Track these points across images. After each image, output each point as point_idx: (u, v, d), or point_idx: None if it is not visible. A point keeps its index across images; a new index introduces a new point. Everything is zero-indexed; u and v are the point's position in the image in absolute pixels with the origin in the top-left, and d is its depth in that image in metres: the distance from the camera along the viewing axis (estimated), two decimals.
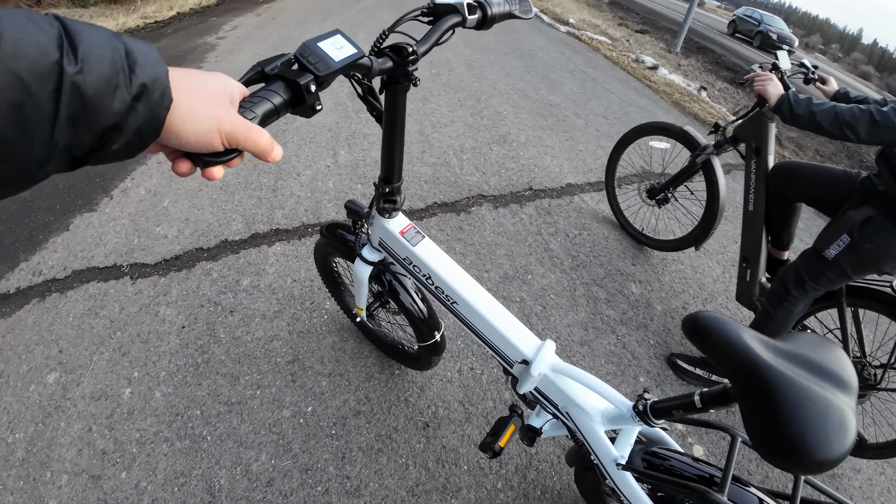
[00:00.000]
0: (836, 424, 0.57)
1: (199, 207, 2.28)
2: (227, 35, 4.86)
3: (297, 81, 0.49)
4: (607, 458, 0.90)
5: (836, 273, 1.40)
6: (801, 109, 1.37)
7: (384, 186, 0.95)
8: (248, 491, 1.28)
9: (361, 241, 1.14)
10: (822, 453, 0.56)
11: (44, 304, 1.78)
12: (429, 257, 0.98)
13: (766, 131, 1.73)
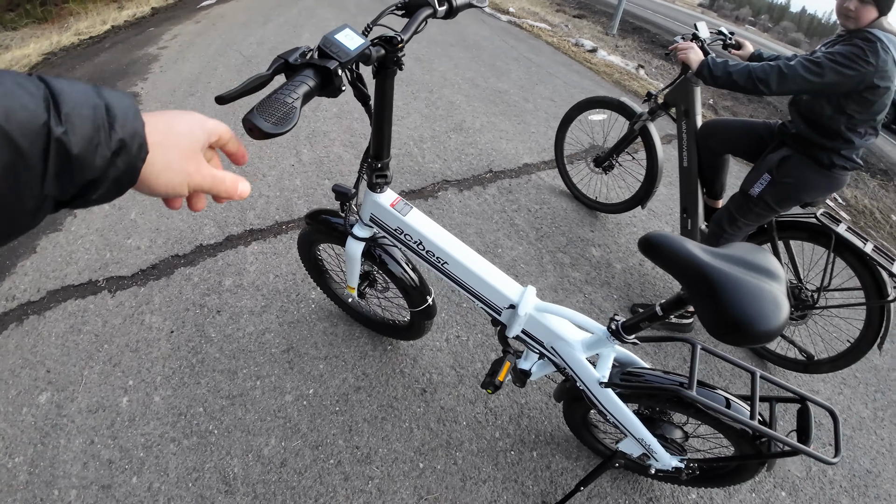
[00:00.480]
0: (770, 303, 0.73)
1: (167, 216, 2.27)
2: (168, 44, 4.71)
3: (326, 67, 0.60)
4: (591, 379, 1.05)
5: (763, 208, 1.62)
6: (720, 71, 1.57)
7: (376, 163, 1.04)
8: (263, 474, 1.35)
9: (350, 220, 1.23)
10: (762, 326, 0.72)
11: (22, 328, 1.74)
12: (419, 224, 1.09)
13: (691, 95, 1.95)
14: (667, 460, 1.13)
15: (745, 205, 1.68)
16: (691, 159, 2.01)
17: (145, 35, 5.15)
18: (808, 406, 0.96)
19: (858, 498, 1.54)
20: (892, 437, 1.78)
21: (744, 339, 0.75)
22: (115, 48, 4.76)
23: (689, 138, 1.99)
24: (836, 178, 1.56)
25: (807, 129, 1.54)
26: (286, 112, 0.58)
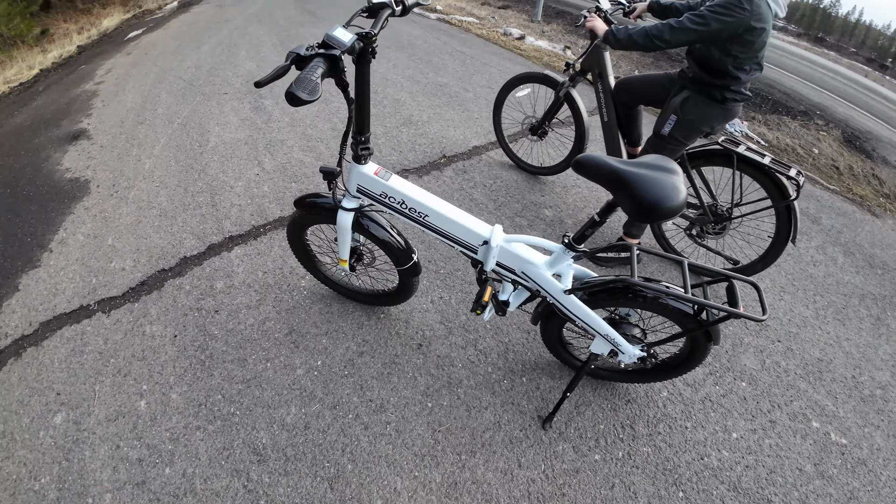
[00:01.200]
0: (671, 189, 1.00)
1: (144, 237, 2.34)
2: (104, 79, 4.62)
3: (334, 55, 0.82)
4: (557, 290, 1.29)
5: (674, 144, 1.94)
6: (622, 35, 1.87)
7: (360, 137, 1.24)
8: (290, 439, 1.50)
9: (338, 196, 1.41)
10: (667, 204, 0.99)
11: (22, 361, 1.79)
12: (400, 186, 1.29)
13: (602, 59, 2.29)
14: (631, 351, 1.38)
15: (659, 144, 1.98)
16: (610, 114, 2.32)
17: (78, 73, 5.03)
18: (733, 283, 1.23)
19: (815, 382, 1.85)
20: (836, 330, 2.13)
21: (657, 216, 1.02)
22: (49, 90, 4.64)
23: (606, 96, 2.32)
24: (729, 110, 1.87)
25: (701, 72, 1.84)
26: (314, 86, 0.83)
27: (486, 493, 1.37)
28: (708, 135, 1.96)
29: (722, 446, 1.56)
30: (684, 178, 1.09)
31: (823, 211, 3.25)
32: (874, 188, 4.21)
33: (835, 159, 4.64)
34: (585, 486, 1.41)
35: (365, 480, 1.38)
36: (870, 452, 1.62)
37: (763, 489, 1.45)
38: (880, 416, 1.76)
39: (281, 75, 0.90)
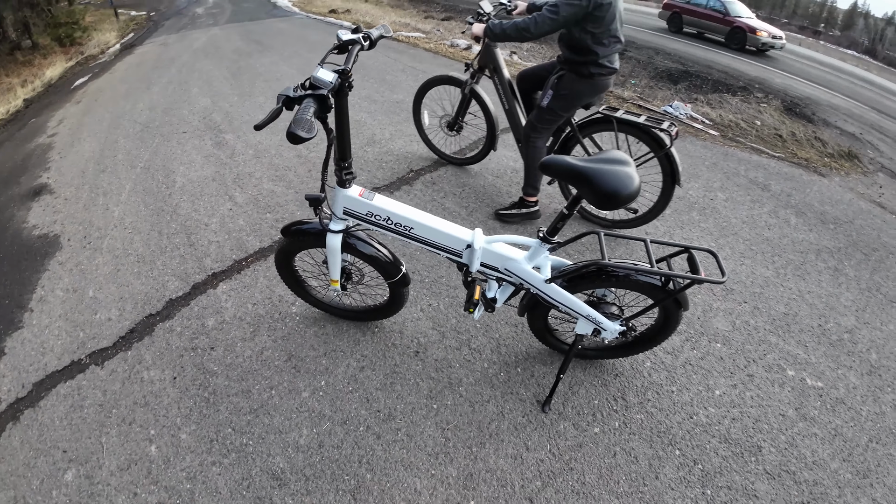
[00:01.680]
0: (626, 178, 1.13)
1: (126, 285, 2.33)
2: (57, 130, 4.52)
3: (323, 95, 0.91)
4: (539, 281, 1.40)
5: (552, 115, 2.27)
6: (498, 30, 2.12)
7: (343, 163, 1.32)
8: (307, 459, 1.54)
9: (324, 221, 1.48)
10: (624, 192, 1.13)
11: (21, 424, 1.76)
12: (384, 204, 1.38)
13: (494, 55, 2.54)
14: (612, 327, 1.50)
15: (539, 114, 2.31)
16: (509, 102, 2.61)
17: (29, 127, 4.90)
18: (692, 253, 1.37)
19: (784, 334, 2.02)
20: (797, 285, 2.32)
21: (617, 203, 1.17)
22: (2, 148, 4.50)
23: (504, 87, 2.58)
24: (598, 83, 2.16)
25: (569, 52, 2.13)
26: (310, 125, 0.94)
27: (501, 479, 1.45)
28: (588, 106, 2.29)
29: (707, 404, 1.69)
30: (635, 170, 1.22)
31: (772, 178, 3.51)
32: (818, 150, 4.55)
33: (777, 128, 4.98)
34: (590, 457, 1.51)
35: (385, 486, 1.44)
36: (846, 391, 1.79)
37: (752, 437, 1.59)
38: (851, 357, 1.94)
39: (276, 117, 1.02)
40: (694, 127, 4.54)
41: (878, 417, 1.69)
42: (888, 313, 2.21)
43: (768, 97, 6.21)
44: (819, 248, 2.63)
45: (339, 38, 1.27)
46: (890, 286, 2.41)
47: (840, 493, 1.45)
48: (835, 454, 1.56)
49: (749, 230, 2.75)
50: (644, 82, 6.86)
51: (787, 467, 1.50)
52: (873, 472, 1.51)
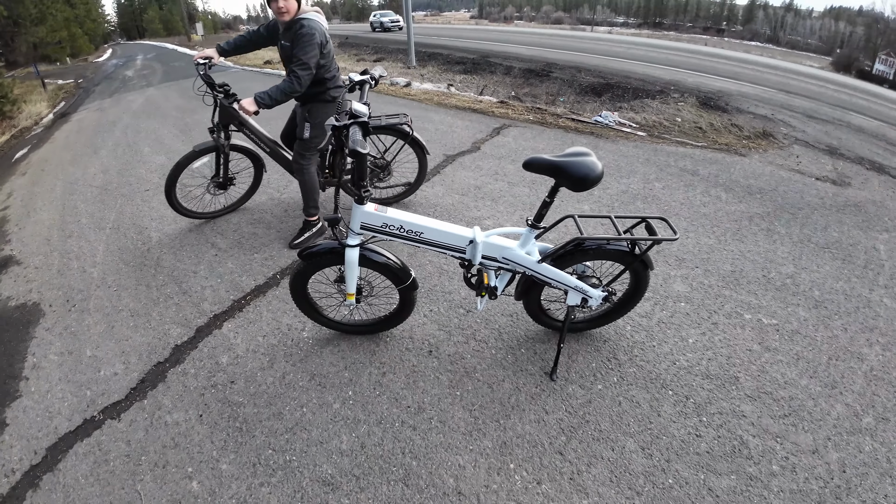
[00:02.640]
0: (591, 165, 1.44)
1: (125, 339, 2.33)
2: (7, 203, 4.34)
3: (366, 122, 1.16)
4: (531, 262, 1.65)
5: (314, 141, 2.66)
6: (269, 100, 2.39)
7: (362, 183, 1.51)
8: (353, 461, 1.64)
9: (341, 237, 1.66)
10: (592, 175, 1.43)
11: (42, 490, 1.71)
12: (396, 215, 1.59)
13: (231, 113, 2.85)
14: (596, 293, 1.76)
15: (304, 145, 2.70)
16: (270, 145, 3.03)
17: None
18: (648, 221, 1.68)
19: (735, 287, 2.38)
20: (738, 247, 2.72)
21: (588, 184, 1.47)
22: None
23: (256, 135, 2.98)
24: (338, 103, 2.64)
25: (312, 87, 2.51)
26: (363, 143, 1.18)
27: (531, 441, 1.64)
28: None
29: (685, 351, 1.99)
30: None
31: (699, 164, 4.03)
32: (735, 135, 5.21)
33: (696, 122, 5.65)
34: (600, 409, 1.74)
35: (432, 468, 1.59)
36: (799, 323, 2.15)
37: (728, 371, 1.89)
38: (796, 297, 2.33)
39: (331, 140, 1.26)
40: (624, 131, 5.10)
41: (832, 340, 2.06)
42: (822, 258, 2.65)
43: (684, 96, 7.00)
44: (751, 215, 3.09)
45: (351, 79, 1.51)
46: (819, 236, 2.88)
47: (815, 403, 1.76)
48: (801, 374, 1.88)
49: (688, 210, 3.18)
50: (572, 98, 7.54)
51: (764, 389, 1.81)
52: (839, 383, 1.85)
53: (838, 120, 6.77)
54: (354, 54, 14.48)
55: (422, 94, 7.23)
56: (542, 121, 5.48)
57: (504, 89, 8.37)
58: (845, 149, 5.06)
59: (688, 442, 1.63)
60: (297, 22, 2.36)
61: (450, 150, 4.48)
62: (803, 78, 12.72)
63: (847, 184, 3.86)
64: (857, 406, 1.76)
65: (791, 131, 5.57)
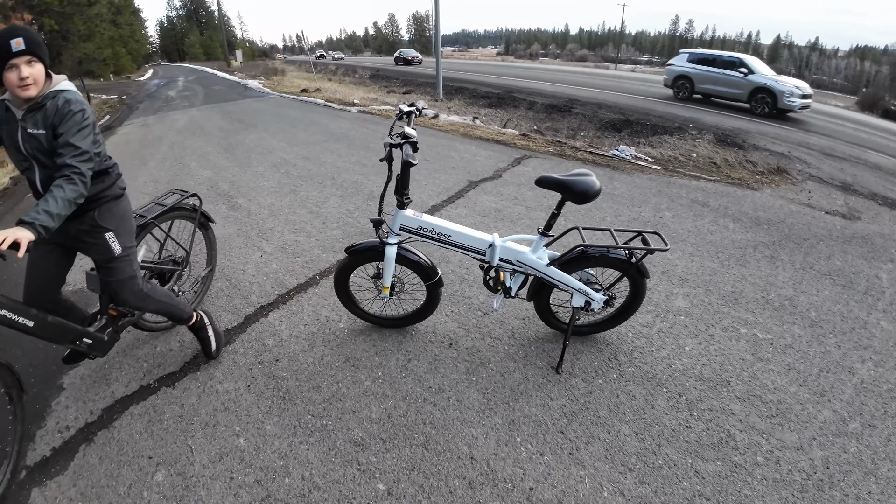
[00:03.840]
0: (591, 182, 1.77)
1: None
2: None
3: (415, 140, 1.51)
4: (542, 266, 1.93)
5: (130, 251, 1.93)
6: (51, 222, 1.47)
7: (405, 191, 1.84)
8: (381, 427, 1.89)
9: (383, 237, 1.97)
10: (592, 190, 1.75)
11: (96, 444, 1.91)
12: (430, 220, 1.91)
13: None
14: (598, 296, 2.02)
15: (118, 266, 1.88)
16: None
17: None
18: (643, 234, 1.94)
19: (734, 305, 2.59)
20: (740, 271, 2.93)
21: (590, 198, 1.77)
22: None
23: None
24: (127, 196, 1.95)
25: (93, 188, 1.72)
26: (413, 157, 1.53)
27: (536, 420, 1.87)
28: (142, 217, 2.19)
29: (681, 356, 2.20)
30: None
31: (710, 196, 4.27)
32: (749, 170, 5.43)
33: (711, 157, 5.91)
34: (599, 399, 1.96)
35: (449, 436, 1.82)
36: (793, 339, 2.34)
37: (720, 375, 2.09)
38: (793, 316, 2.52)
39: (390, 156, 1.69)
40: (639, 165, 5.39)
41: (825, 355, 2.25)
42: (822, 283, 2.84)
43: (701, 133, 7.28)
44: (756, 243, 3.31)
45: (402, 110, 1.87)
46: (822, 264, 3.07)
47: (802, 407, 1.95)
48: (791, 381, 2.08)
49: (695, 237, 3.41)
50: (592, 133, 7.91)
51: (754, 392, 2.00)
52: (828, 392, 2.03)
53: (855, 158, 6.93)
54: (385, 86, 15.32)
55: (448, 125, 7.69)
56: (561, 153, 5.82)
57: (527, 123, 8.81)
58: (859, 185, 5.21)
59: (678, 431, 1.83)
60: (53, 97, 1.61)
61: (473, 177, 4.83)
62: (824, 117, 12.88)
63: (857, 218, 4.02)
64: (845, 413, 1.93)
65: (806, 168, 5.76)
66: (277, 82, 16.90)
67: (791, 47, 77.29)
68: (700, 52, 12.40)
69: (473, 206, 4.04)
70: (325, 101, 10.99)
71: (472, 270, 2.94)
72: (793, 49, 76.48)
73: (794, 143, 7.38)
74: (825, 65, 68.30)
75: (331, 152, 6.05)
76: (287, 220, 3.88)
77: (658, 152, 6.03)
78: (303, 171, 5.29)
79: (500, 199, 4.20)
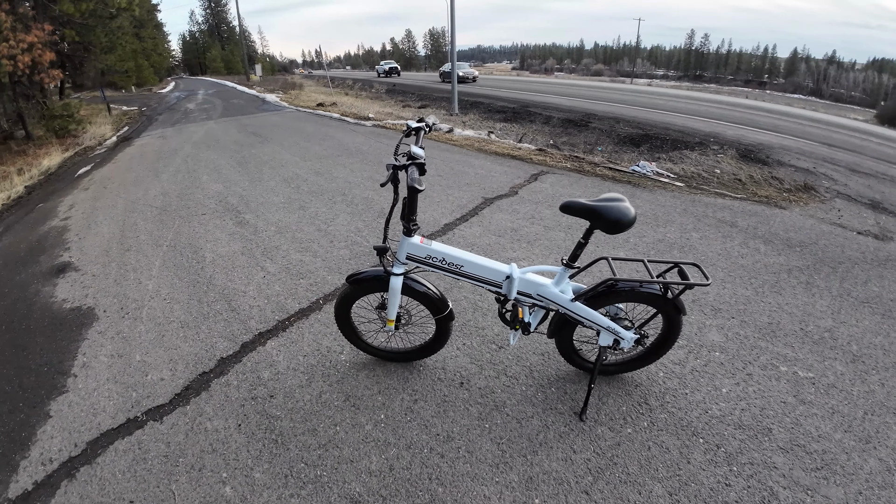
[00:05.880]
0: (625, 210, 1.52)
1: (173, 348, 2.50)
2: (69, 214, 4.81)
3: (422, 163, 1.29)
4: (565, 301, 1.71)
5: None
6: None
7: (412, 217, 1.65)
8: (381, 481, 1.69)
9: (388, 266, 1.78)
10: (626, 219, 1.51)
11: (78, 481, 1.80)
12: (440, 248, 1.71)
13: None
14: (628, 335, 1.79)
15: None
16: None
17: (38, 212, 5.19)
18: (681, 266, 1.72)
19: (772, 339, 2.32)
20: (776, 300, 2.66)
21: (623, 227, 1.55)
22: (12, 230, 4.76)
23: None
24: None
25: None
26: (420, 181, 1.32)
27: (557, 478, 1.64)
28: None
29: (718, 400, 1.95)
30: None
31: (737, 216, 4.02)
32: (776, 188, 5.16)
33: (735, 174, 5.64)
34: (629, 452, 1.73)
35: (457, 496, 1.61)
36: (836, 377, 2.09)
37: (761, 422, 1.84)
38: (834, 350, 2.26)
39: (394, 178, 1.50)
40: (661, 181, 5.15)
41: (869, 395, 1.99)
42: (861, 312, 2.58)
43: (724, 148, 7.01)
44: (790, 268, 3.05)
45: (409, 126, 1.69)
46: (859, 290, 2.81)
47: (848, 457, 1.70)
48: (836, 427, 1.82)
49: (725, 260, 3.16)
50: (610, 148, 7.69)
51: (797, 442, 1.75)
52: (874, 437, 1.78)
53: (882, 174, 6.60)
54: (401, 100, 15.35)
55: (463, 140, 7.55)
56: (579, 169, 5.62)
57: (543, 138, 8.63)
58: (888, 203, 4.92)
59: (717, 490, 1.59)
60: None
61: (488, 194, 4.65)
62: (846, 131, 12.48)
63: (889, 238, 3.74)
64: (891, 461, 1.69)
65: (833, 185, 5.47)
66: (295, 96, 17.07)
67: (808, 61, 76.14)
68: None
69: (488, 225, 3.85)
70: (341, 115, 10.99)
71: (485, 297, 2.74)
72: (810, 62, 75.34)
73: (819, 159, 7.07)
74: (843, 78, 67.11)
75: (343, 167, 5.94)
76: (294, 238, 3.73)
77: (680, 168, 5.79)
78: (314, 186, 5.18)
79: (516, 217, 4.00)
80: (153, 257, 3.62)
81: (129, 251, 3.77)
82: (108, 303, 3.04)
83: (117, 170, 6.83)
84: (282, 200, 4.74)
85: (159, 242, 3.88)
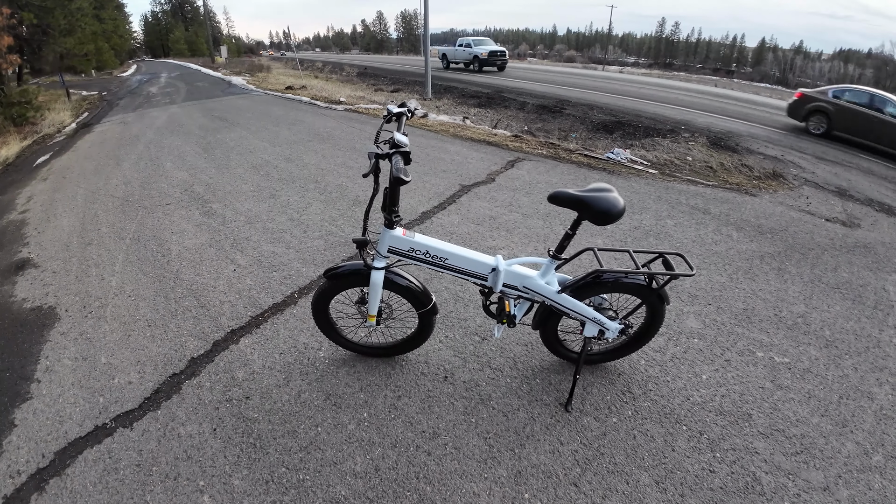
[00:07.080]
0: (613, 200, 1.49)
1: (141, 349, 2.36)
2: (28, 207, 4.47)
3: (407, 151, 1.20)
4: (551, 292, 1.69)
5: None
6: None
7: (394, 208, 1.57)
8: (367, 483, 1.64)
9: (368, 259, 1.70)
10: (615, 210, 1.47)
11: (48, 494, 1.71)
12: (423, 240, 1.64)
13: None
14: (613, 326, 1.78)
15: None
16: None
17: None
18: (665, 256, 1.72)
19: (747, 325, 2.39)
20: (749, 286, 2.74)
21: (612, 218, 1.52)
22: None
23: None
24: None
25: None
26: (406, 171, 1.23)
27: (546, 471, 1.63)
28: None
29: (698, 387, 1.99)
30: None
31: (710, 203, 4.10)
32: (746, 175, 5.30)
33: (707, 161, 5.76)
34: (615, 442, 1.74)
35: (446, 495, 1.58)
36: (811, 362, 2.16)
37: (741, 407, 1.88)
38: (808, 336, 2.34)
39: (376, 167, 1.39)
40: (636, 168, 5.20)
41: (843, 379, 2.07)
42: (832, 298, 2.67)
43: (694, 135, 7.15)
44: (762, 254, 3.13)
45: (390, 111, 1.60)
46: (829, 276, 2.91)
47: (826, 441, 1.76)
48: (813, 412, 1.88)
49: (700, 247, 3.22)
50: (584, 134, 7.72)
51: (777, 427, 1.80)
52: (850, 421, 1.85)
53: (847, 162, 6.88)
54: (372, 84, 14.97)
55: (438, 125, 7.43)
56: (555, 155, 5.61)
57: (517, 124, 8.59)
58: (855, 190, 5.14)
59: (702, 477, 1.62)
60: None
61: (465, 181, 4.59)
62: None
63: (857, 225, 3.91)
64: (867, 444, 1.76)
65: (801, 172, 5.67)
66: (262, 79, 16.38)
67: (776, 50, 78.43)
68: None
69: (466, 213, 3.80)
70: (311, 98, 10.62)
71: (467, 287, 2.70)
72: (777, 52, 77.60)
73: (786, 147, 7.31)
74: (809, 68, 69.57)
75: (315, 153, 5.75)
76: (265, 229, 3.58)
77: (653, 155, 5.87)
78: (284, 173, 4.98)
79: (494, 205, 3.97)
80: (116, 251, 3.40)
81: (90, 245, 3.53)
82: (70, 301, 2.84)
83: (77, 158, 6.40)
84: (251, 188, 4.54)
85: (122, 235, 3.66)
